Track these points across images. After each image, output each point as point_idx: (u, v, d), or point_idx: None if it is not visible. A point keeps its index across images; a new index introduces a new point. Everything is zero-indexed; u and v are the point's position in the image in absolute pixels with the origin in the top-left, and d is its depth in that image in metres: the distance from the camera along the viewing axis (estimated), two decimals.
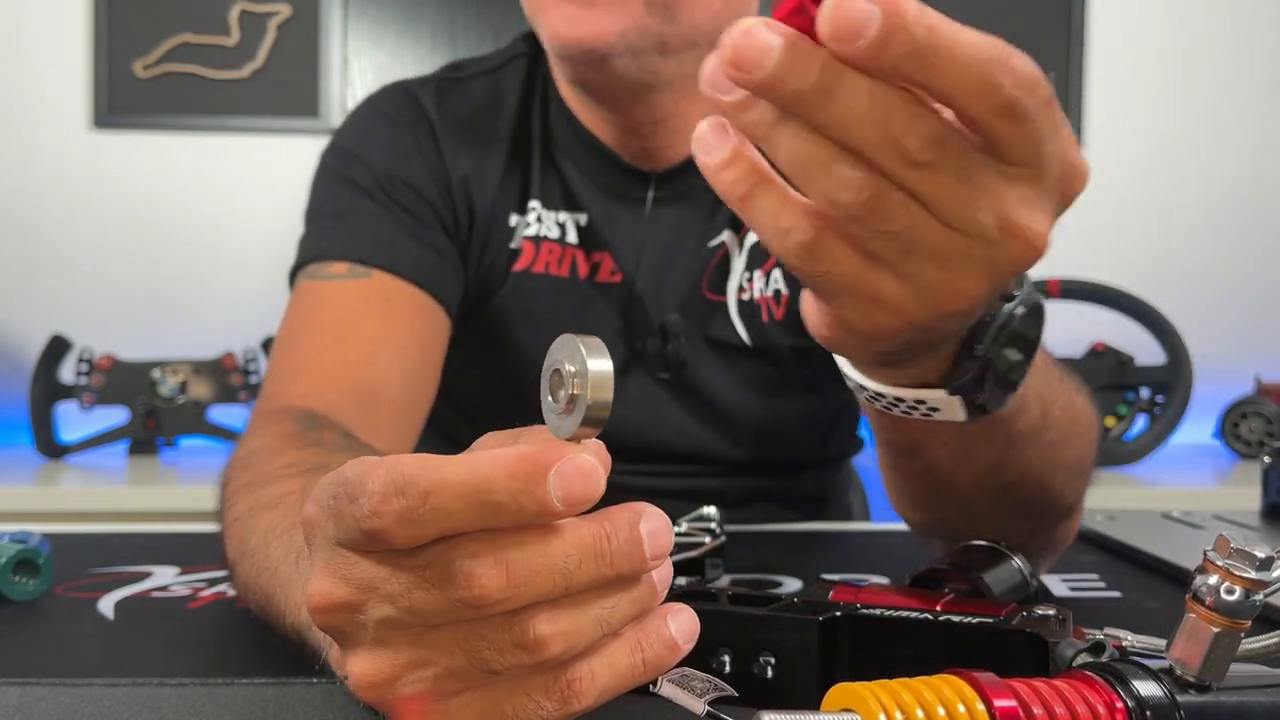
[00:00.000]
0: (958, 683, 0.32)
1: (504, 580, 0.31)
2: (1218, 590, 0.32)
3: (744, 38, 0.32)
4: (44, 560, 0.61)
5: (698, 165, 0.36)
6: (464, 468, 0.30)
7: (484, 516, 0.31)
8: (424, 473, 0.30)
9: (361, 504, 0.31)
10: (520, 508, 0.30)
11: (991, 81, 0.32)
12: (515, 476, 0.30)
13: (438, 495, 0.30)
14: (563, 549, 0.31)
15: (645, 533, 0.33)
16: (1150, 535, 0.75)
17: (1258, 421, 1.99)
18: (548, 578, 0.31)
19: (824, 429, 0.96)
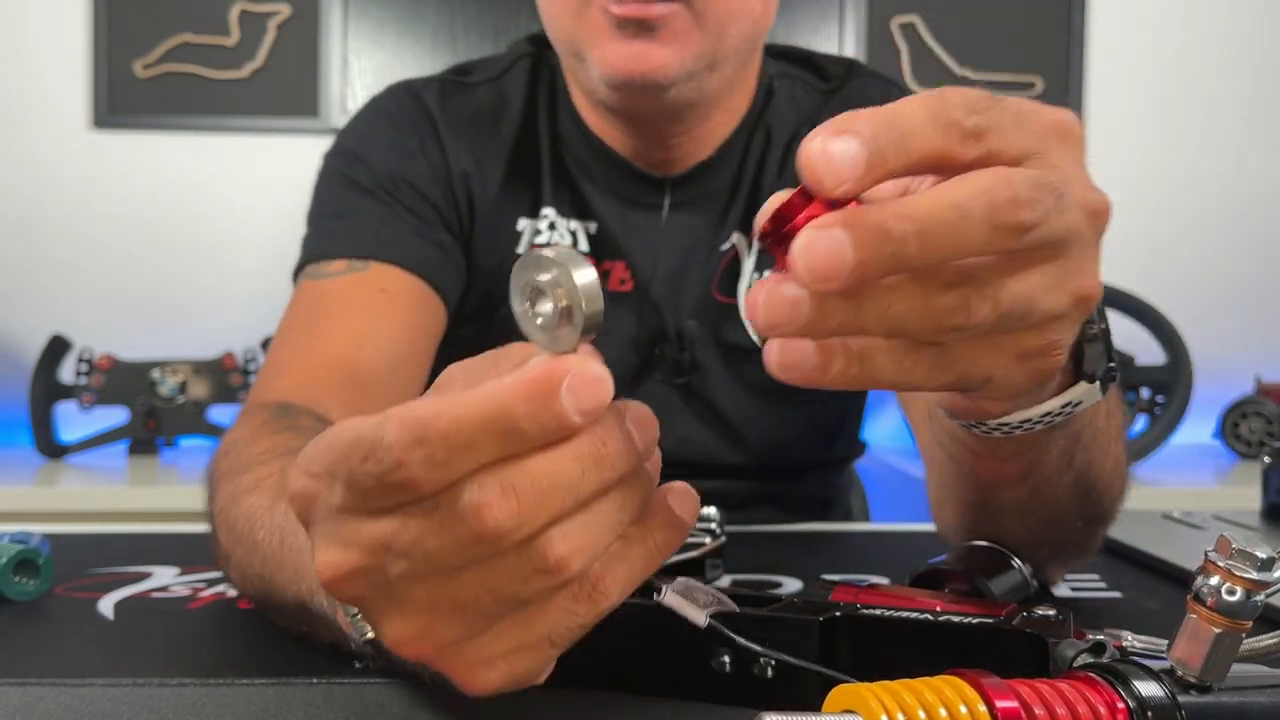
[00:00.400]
0: (959, 684, 0.32)
1: (514, 507, 0.31)
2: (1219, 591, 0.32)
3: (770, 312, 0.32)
4: (44, 560, 0.61)
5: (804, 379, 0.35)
6: (478, 401, 0.31)
7: (507, 444, 0.31)
8: (440, 415, 0.30)
9: (381, 459, 0.30)
10: (541, 428, 0.31)
11: (1001, 224, 0.31)
12: (531, 398, 0.31)
13: (458, 434, 0.30)
14: (566, 464, 0.32)
15: (633, 427, 0.33)
16: (1150, 535, 0.75)
17: (1258, 421, 1.99)
18: (557, 495, 0.31)
19: (829, 434, 0.96)
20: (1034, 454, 0.49)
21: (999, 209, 0.31)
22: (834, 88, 0.90)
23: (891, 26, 2.21)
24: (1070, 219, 0.33)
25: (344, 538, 0.33)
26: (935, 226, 0.31)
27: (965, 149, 0.32)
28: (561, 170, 0.88)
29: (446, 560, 0.32)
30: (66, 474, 1.80)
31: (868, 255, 0.30)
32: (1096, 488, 0.54)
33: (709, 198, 0.87)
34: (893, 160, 0.31)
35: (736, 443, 0.90)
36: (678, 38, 0.74)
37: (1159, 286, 2.01)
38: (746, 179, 0.87)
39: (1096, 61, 2.24)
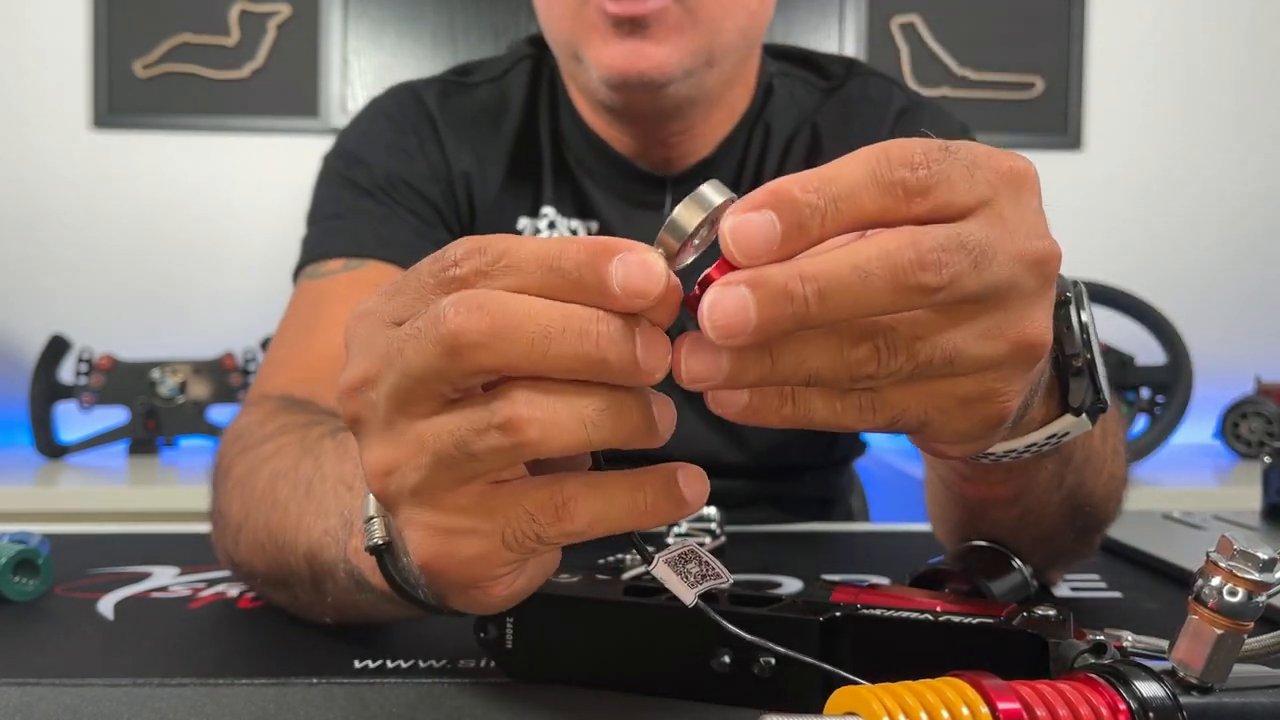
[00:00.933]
0: (961, 685, 0.32)
1: (483, 324, 0.31)
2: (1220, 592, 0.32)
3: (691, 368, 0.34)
4: (44, 560, 0.61)
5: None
6: (539, 242, 0.33)
7: (548, 280, 0.32)
8: (501, 239, 0.33)
9: (442, 259, 0.33)
10: (581, 279, 0.32)
11: (904, 286, 0.31)
12: (584, 249, 0.32)
13: (511, 255, 0.32)
14: (549, 312, 0.32)
15: (641, 336, 0.33)
16: (1150, 535, 0.75)
17: (1258, 421, 1.99)
18: (525, 334, 0.32)
19: (829, 434, 0.96)
20: (1022, 479, 0.49)
21: (901, 271, 0.31)
22: (834, 86, 0.90)
23: (891, 26, 2.21)
24: (995, 273, 0.32)
25: (367, 342, 0.35)
26: (836, 287, 0.31)
27: (910, 206, 0.32)
28: (563, 169, 0.88)
29: (414, 367, 0.33)
30: (66, 474, 1.80)
31: (770, 314, 0.31)
32: (1090, 503, 0.55)
33: None
34: (818, 230, 0.31)
35: (736, 442, 0.90)
36: (672, 34, 0.75)
37: (1159, 286, 2.02)
38: (747, 177, 0.87)
39: (1096, 61, 2.24)
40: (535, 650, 0.46)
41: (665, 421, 0.35)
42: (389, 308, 0.35)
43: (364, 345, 0.35)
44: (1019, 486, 0.49)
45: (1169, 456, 1.94)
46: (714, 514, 0.71)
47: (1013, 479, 0.49)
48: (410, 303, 0.34)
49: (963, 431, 0.36)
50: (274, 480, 0.54)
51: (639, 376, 0.33)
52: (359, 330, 0.36)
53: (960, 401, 0.35)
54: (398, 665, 0.48)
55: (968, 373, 0.34)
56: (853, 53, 2.20)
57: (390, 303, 0.35)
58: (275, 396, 0.70)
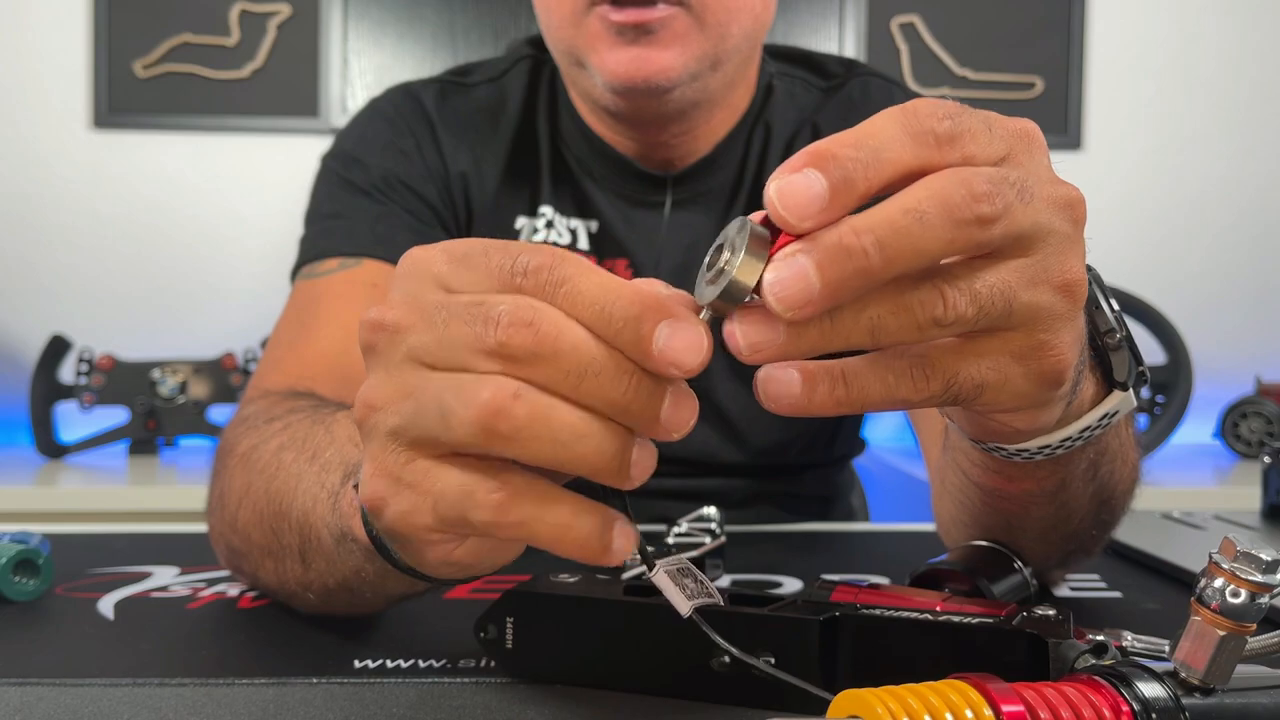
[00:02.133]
0: (965, 688, 0.32)
1: (528, 341, 0.32)
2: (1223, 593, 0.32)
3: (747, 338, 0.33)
4: (44, 560, 0.61)
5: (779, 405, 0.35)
6: (599, 280, 0.33)
7: (597, 321, 0.32)
8: (571, 263, 0.33)
9: (518, 260, 0.34)
10: (620, 332, 0.32)
11: (961, 220, 0.32)
12: (635, 304, 0.32)
13: (572, 285, 0.33)
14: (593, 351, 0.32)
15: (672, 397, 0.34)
16: (1150, 535, 0.75)
17: (1258, 421, 1.99)
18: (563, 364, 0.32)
19: (829, 432, 0.96)
20: (1065, 470, 0.48)
21: (956, 207, 0.31)
22: (834, 85, 0.90)
23: (892, 26, 2.21)
24: (1037, 211, 0.33)
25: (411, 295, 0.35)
26: (893, 233, 0.31)
27: (943, 155, 0.33)
28: (562, 169, 0.88)
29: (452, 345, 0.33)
30: (66, 474, 1.80)
31: (833, 275, 0.31)
32: (1115, 495, 0.54)
33: (711, 195, 0.87)
34: (864, 183, 0.31)
35: (737, 441, 0.90)
36: (678, 39, 0.75)
37: (1159, 287, 2.02)
38: (748, 176, 0.87)
39: (1096, 62, 2.24)
40: (535, 650, 0.46)
41: (640, 468, 0.34)
42: (448, 271, 0.35)
43: (410, 293, 0.35)
44: (1061, 479, 0.49)
45: (1169, 456, 1.94)
46: (714, 514, 0.71)
47: (1058, 471, 0.48)
48: (469, 280, 0.34)
49: (1022, 393, 0.36)
50: (280, 451, 0.54)
51: (658, 433, 0.34)
52: (411, 273, 0.36)
53: (1015, 357, 0.35)
54: (398, 665, 0.48)
55: (1018, 325, 0.34)
56: (852, 52, 2.20)
57: (451, 268, 0.35)
58: (275, 391, 0.71)
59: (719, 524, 0.71)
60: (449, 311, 0.34)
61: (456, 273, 0.35)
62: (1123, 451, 0.52)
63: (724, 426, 0.89)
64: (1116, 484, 0.53)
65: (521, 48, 0.93)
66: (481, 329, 0.33)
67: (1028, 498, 0.51)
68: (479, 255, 0.35)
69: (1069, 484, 0.50)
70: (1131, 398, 0.44)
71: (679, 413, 0.33)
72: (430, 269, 0.35)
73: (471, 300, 0.34)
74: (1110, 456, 0.51)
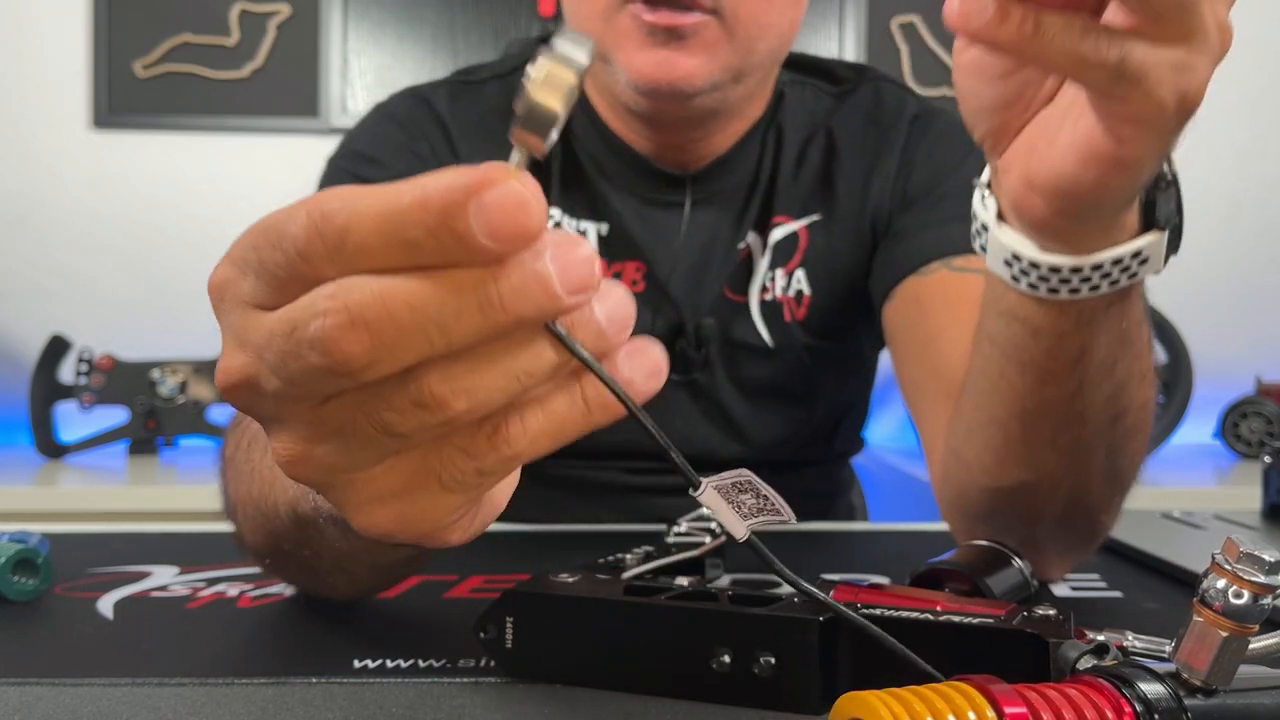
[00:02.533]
0: (968, 690, 0.32)
1: (366, 343, 0.27)
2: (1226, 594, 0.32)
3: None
4: (43, 560, 0.61)
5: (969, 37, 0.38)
6: (380, 198, 0.27)
7: (406, 255, 0.27)
8: (343, 206, 0.27)
9: (286, 249, 0.28)
10: (440, 245, 0.26)
11: None
12: (429, 207, 0.26)
13: (356, 232, 0.27)
14: (434, 298, 0.27)
15: (553, 266, 0.27)
16: (1151, 535, 0.75)
17: (1258, 421, 1.99)
18: (419, 334, 0.27)
19: (829, 430, 0.96)
20: (1089, 333, 0.50)
21: None
22: (845, 91, 0.91)
23: (892, 26, 2.21)
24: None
25: (240, 336, 0.30)
26: None
27: None
28: (574, 169, 0.88)
29: (307, 386, 0.29)
30: (66, 474, 1.80)
31: None
32: (1126, 418, 0.55)
33: (726, 195, 0.87)
34: None
35: (738, 439, 0.90)
36: (707, 48, 0.75)
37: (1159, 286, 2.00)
38: (762, 178, 0.87)
39: None
40: (535, 650, 0.46)
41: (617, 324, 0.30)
42: (247, 288, 0.30)
43: (236, 334, 0.30)
44: (1083, 344, 0.51)
45: (1169, 456, 1.94)
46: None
47: (1081, 330, 0.50)
48: (267, 289, 0.29)
49: (1163, 102, 0.39)
50: (250, 450, 0.53)
51: (568, 308, 0.28)
52: (224, 311, 0.31)
53: (1173, 67, 0.38)
54: (398, 665, 0.48)
55: (1183, 39, 0.38)
56: (852, 53, 2.20)
57: (246, 281, 0.30)
58: None
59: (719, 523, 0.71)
60: (278, 349, 0.28)
61: (252, 284, 0.29)
62: (1140, 360, 0.54)
63: (726, 425, 0.89)
64: (1130, 401, 0.54)
65: (532, 46, 0.93)
66: (317, 364, 0.27)
67: (1048, 364, 0.52)
68: (252, 250, 0.29)
69: (1089, 356, 0.51)
70: (1163, 245, 0.48)
71: (573, 272, 0.28)
72: (234, 293, 0.30)
73: (282, 327, 0.28)
74: (1128, 358, 0.52)
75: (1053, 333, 0.51)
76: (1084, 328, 0.50)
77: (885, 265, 0.84)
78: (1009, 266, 0.50)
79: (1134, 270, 0.48)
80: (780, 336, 0.87)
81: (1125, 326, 0.51)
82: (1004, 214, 0.50)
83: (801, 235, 0.87)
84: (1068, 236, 0.47)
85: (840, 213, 0.87)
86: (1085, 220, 0.46)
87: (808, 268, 0.87)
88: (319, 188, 0.87)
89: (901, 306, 0.81)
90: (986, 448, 0.59)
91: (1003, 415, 0.56)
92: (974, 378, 0.59)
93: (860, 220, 0.87)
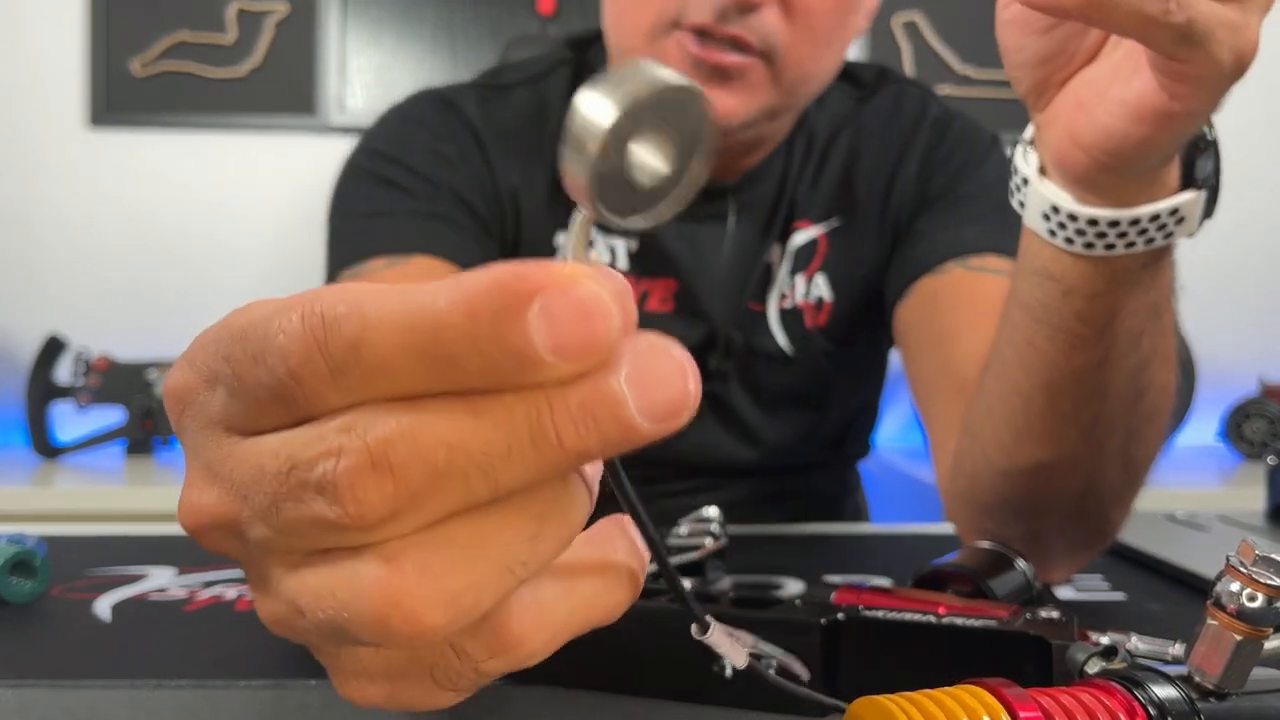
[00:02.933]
0: (981, 694, 0.31)
1: (389, 491, 0.21)
2: (1240, 597, 0.31)
3: None
4: (41, 561, 0.61)
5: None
6: (405, 302, 0.21)
7: (441, 375, 0.21)
8: (352, 311, 0.21)
9: (273, 366, 0.22)
10: (487, 363, 0.21)
11: None
12: (476, 314, 0.20)
13: (373, 349, 0.21)
14: (476, 431, 0.21)
15: (628, 387, 0.21)
16: (1154, 536, 0.75)
17: (1262, 422, 1.98)
18: (457, 482, 0.21)
19: (840, 434, 0.96)
20: (1121, 295, 0.50)
21: None
22: (866, 94, 0.90)
23: (893, 24, 2.21)
24: None
25: (213, 466, 0.24)
26: None
27: None
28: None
29: (306, 538, 0.23)
30: (63, 474, 1.79)
31: None
32: (1146, 399, 0.55)
33: (756, 206, 0.86)
34: None
35: (751, 444, 0.89)
36: (751, 89, 0.74)
37: None
38: (788, 187, 0.87)
39: None
40: None
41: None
42: (216, 405, 0.24)
43: (207, 464, 0.25)
44: (1112, 307, 0.51)
45: (1173, 457, 1.94)
46: (714, 514, 0.71)
47: (1112, 292, 0.50)
48: (243, 409, 0.24)
49: (1222, 61, 0.40)
50: None
51: (648, 437, 0.22)
52: (186, 429, 0.26)
53: (1231, 27, 0.39)
54: None
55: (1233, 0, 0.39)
56: (854, 50, 2.20)
57: (215, 395, 0.24)
58: None
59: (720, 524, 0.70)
60: (266, 495, 0.23)
61: (227, 406, 0.24)
62: (1164, 338, 0.54)
63: (741, 433, 0.89)
64: (1153, 379, 0.54)
65: (560, 49, 0.90)
66: (325, 507, 0.22)
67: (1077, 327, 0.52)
68: (224, 371, 0.24)
69: (1117, 323, 0.51)
70: (1200, 205, 0.48)
71: (656, 386, 0.21)
72: (195, 406, 0.25)
73: (276, 465, 0.23)
74: (1155, 329, 0.52)
75: (1085, 292, 0.51)
76: (1116, 289, 0.50)
77: (901, 265, 0.83)
78: (1047, 220, 0.50)
79: (1170, 229, 0.48)
80: (800, 344, 0.87)
81: (1155, 297, 0.51)
82: (1045, 169, 0.50)
83: (822, 240, 0.86)
84: (1108, 191, 0.48)
85: (861, 217, 0.86)
86: (1127, 175, 0.47)
87: (829, 272, 0.87)
88: (340, 187, 0.84)
89: (915, 305, 0.80)
90: (1007, 423, 0.58)
91: (1027, 386, 0.56)
92: (999, 348, 0.58)
93: (881, 224, 0.86)
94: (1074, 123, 0.47)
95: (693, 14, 0.71)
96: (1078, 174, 0.48)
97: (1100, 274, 0.50)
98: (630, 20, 0.76)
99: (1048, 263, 0.52)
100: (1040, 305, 0.53)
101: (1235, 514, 0.86)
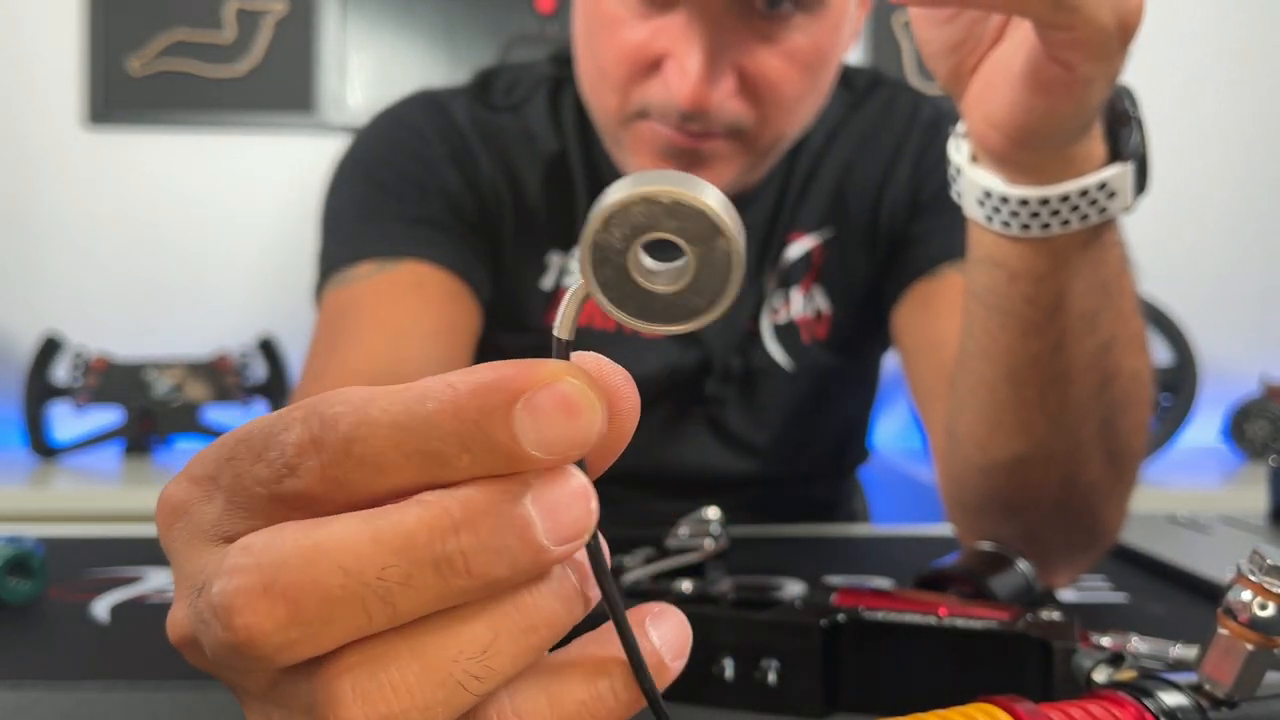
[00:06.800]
0: (994, 711, 0.31)
1: (280, 616, 0.21)
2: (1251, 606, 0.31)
3: None
4: (38, 563, 0.61)
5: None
6: (398, 401, 0.21)
7: (429, 471, 0.21)
8: (349, 410, 0.22)
9: (273, 461, 0.22)
10: (474, 460, 0.21)
11: None
12: (463, 415, 0.21)
13: (364, 443, 0.21)
14: (377, 555, 0.21)
15: (534, 509, 0.21)
16: (1156, 538, 0.75)
17: (1264, 423, 1.98)
18: (352, 608, 0.21)
19: (840, 444, 0.95)
20: (1065, 276, 0.51)
21: None
22: (859, 99, 0.89)
23: (893, 24, 2.21)
24: None
25: (191, 580, 0.24)
26: None
27: None
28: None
29: (230, 664, 0.22)
30: (60, 475, 1.79)
31: None
32: (1115, 385, 0.55)
33: (752, 232, 0.85)
34: None
35: (748, 457, 0.89)
36: (724, 163, 0.72)
37: (1165, 287, 2.01)
38: (784, 208, 0.85)
39: None
40: None
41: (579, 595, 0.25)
42: (210, 516, 0.24)
43: (187, 578, 0.24)
44: (1059, 289, 0.51)
45: (1175, 458, 1.93)
46: (715, 515, 0.71)
47: (1056, 273, 0.51)
48: (240, 515, 0.23)
49: (1104, 24, 0.41)
50: None
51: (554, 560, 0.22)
52: (173, 541, 0.25)
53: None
54: None
55: None
56: (853, 51, 2.19)
57: (211, 505, 0.24)
58: None
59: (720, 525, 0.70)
60: (193, 615, 0.23)
61: (222, 514, 0.24)
62: (1125, 321, 0.54)
63: (738, 447, 0.88)
64: (1118, 367, 0.55)
65: (543, 65, 0.88)
66: (220, 630, 0.22)
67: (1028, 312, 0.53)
68: (225, 475, 0.24)
69: (1066, 303, 0.52)
70: (1129, 177, 0.49)
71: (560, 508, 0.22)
72: (189, 518, 0.25)
73: (191, 582, 0.23)
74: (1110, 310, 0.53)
75: (1030, 275, 0.52)
76: (1060, 270, 0.51)
77: (896, 269, 0.83)
78: (982, 206, 0.51)
79: (1102, 204, 0.49)
80: (799, 358, 0.86)
81: (1104, 276, 0.52)
82: (976, 155, 0.51)
83: (816, 251, 0.86)
84: (1034, 169, 0.49)
85: (854, 224, 0.85)
86: (1042, 149, 0.48)
87: (825, 283, 0.86)
88: (329, 194, 0.84)
89: (911, 309, 0.80)
90: (979, 417, 0.59)
91: (990, 376, 0.57)
92: (964, 341, 0.59)
93: (875, 231, 0.85)
94: (986, 103, 0.48)
95: (657, 121, 0.71)
96: (999, 154, 0.49)
97: (1041, 256, 0.51)
98: (599, 100, 0.75)
99: (990, 249, 0.53)
100: (990, 292, 0.54)
101: (1237, 515, 0.86)
